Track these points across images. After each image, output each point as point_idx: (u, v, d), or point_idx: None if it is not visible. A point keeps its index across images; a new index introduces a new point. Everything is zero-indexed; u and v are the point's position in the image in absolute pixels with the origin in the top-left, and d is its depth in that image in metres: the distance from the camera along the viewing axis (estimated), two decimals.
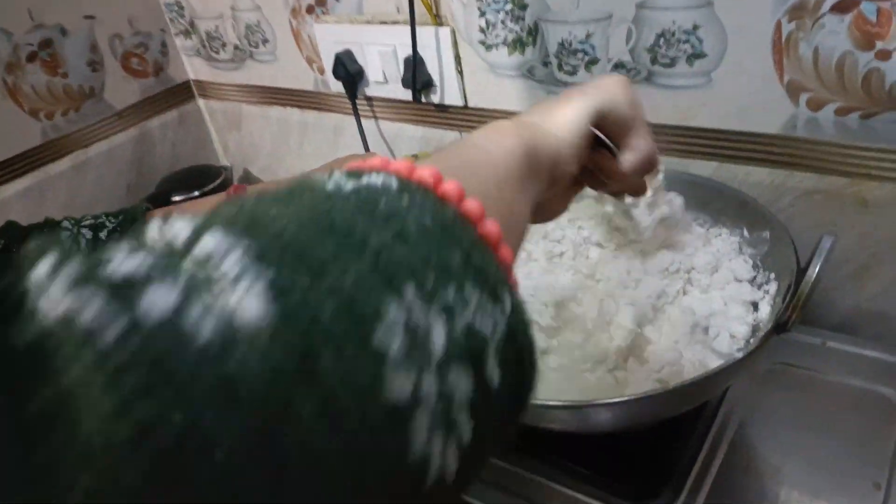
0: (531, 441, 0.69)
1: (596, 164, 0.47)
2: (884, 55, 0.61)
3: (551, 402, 0.57)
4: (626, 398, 0.54)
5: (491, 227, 0.27)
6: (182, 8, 1.20)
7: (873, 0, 0.59)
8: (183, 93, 1.30)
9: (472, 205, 0.27)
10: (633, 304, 0.67)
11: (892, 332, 0.76)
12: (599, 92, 0.44)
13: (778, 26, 0.65)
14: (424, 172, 0.27)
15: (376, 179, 0.25)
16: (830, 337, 0.76)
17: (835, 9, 0.61)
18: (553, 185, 0.40)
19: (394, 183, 0.25)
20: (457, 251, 0.24)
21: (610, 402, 0.54)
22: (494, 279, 0.25)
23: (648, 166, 0.46)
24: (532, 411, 0.59)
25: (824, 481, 0.62)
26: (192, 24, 1.21)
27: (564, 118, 0.41)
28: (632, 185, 0.51)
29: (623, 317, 0.67)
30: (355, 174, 0.26)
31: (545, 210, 0.48)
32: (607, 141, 0.46)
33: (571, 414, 0.58)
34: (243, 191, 0.70)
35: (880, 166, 0.67)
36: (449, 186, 0.27)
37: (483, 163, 0.35)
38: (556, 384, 0.65)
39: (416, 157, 0.74)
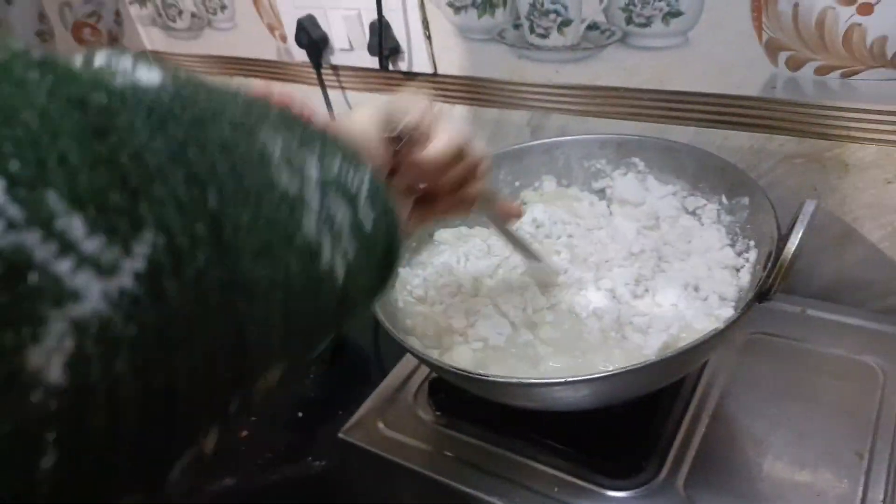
0: (512, 420, 0.67)
1: (410, 157, 0.46)
2: (865, 9, 0.58)
3: (525, 380, 0.55)
4: (601, 374, 0.52)
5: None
6: None
7: None
8: None
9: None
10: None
11: (875, 299, 0.74)
12: (386, 104, 0.46)
13: None
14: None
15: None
16: (811, 305, 0.75)
17: None
18: None
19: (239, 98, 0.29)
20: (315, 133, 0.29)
21: (584, 378, 0.51)
22: (353, 155, 0.30)
23: (458, 145, 0.47)
24: (508, 389, 0.57)
25: (807, 451, 0.61)
26: None
27: (354, 127, 0.43)
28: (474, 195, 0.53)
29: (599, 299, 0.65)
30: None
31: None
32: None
33: (547, 391, 0.56)
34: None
35: (861, 127, 0.65)
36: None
37: None
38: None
39: None
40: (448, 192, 0.50)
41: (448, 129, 0.47)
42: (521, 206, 0.58)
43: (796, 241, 0.51)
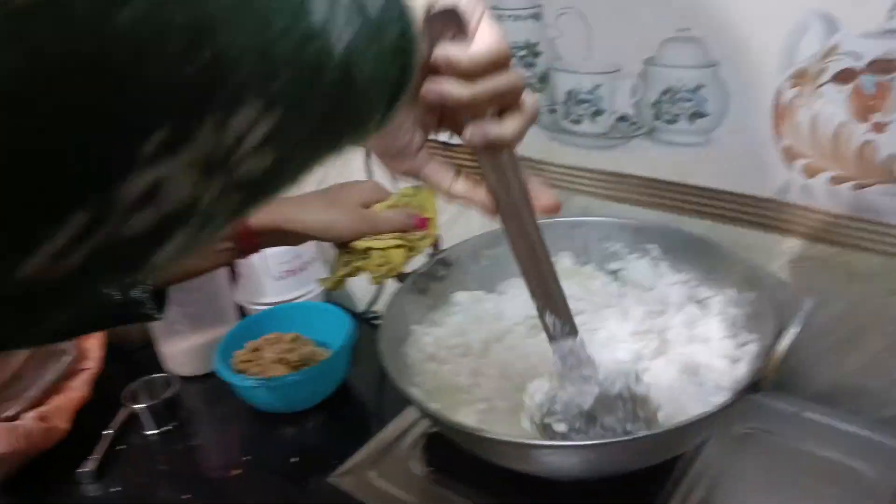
0: (502, 486, 0.67)
1: (441, 58, 0.39)
2: (879, 128, 0.63)
3: (507, 439, 0.56)
4: (587, 442, 0.54)
5: None
6: None
7: (872, 73, 0.61)
8: None
9: None
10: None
11: (871, 407, 0.75)
12: None
13: (779, 91, 0.67)
14: None
15: None
16: (808, 407, 0.76)
17: (835, 78, 0.63)
18: None
19: None
20: None
21: (567, 445, 0.53)
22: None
23: (500, 61, 0.40)
24: (497, 448, 0.58)
25: None
26: None
27: None
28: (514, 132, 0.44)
29: None
30: None
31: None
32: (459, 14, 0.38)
33: (528, 453, 0.57)
34: None
35: (869, 238, 0.68)
36: None
37: None
38: None
39: (417, 188, 0.74)
40: (478, 113, 0.42)
41: (494, 28, 0.39)
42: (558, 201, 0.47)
43: (791, 337, 0.53)
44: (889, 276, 0.68)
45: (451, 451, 0.65)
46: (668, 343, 0.72)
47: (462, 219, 1.03)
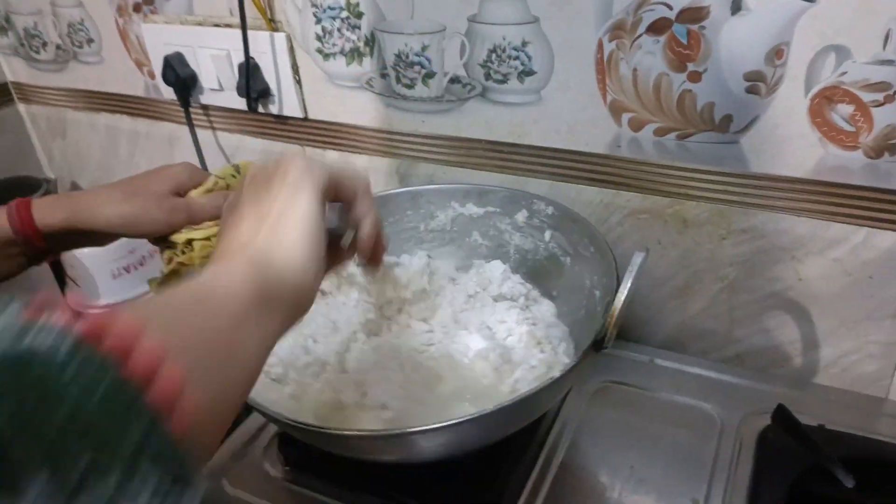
0: (364, 475, 0.65)
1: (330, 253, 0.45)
2: (695, 77, 0.63)
3: (350, 433, 0.54)
4: (437, 425, 0.51)
5: (186, 402, 0.26)
6: None
7: (683, 22, 0.61)
8: (0, 96, 1.17)
9: (167, 377, 0.26)
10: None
11: (716, 349, 0.78)
12: (313, 179, 0.42)
13: (600, 45, 0.66)
14: (120, 330, 0.26)
15: (44, 339, 0.24)
16: (659, 355, 0.78)
17: (650, 29, 0.62)
18: (302, 311, 0.40)
19: (63, 348, 0.24)
20: (128, 435, 0.23)
21: (420, 429, 0.51)
22: (176, 463, 0.25)
23: (378, 228, 0.48)
24: (345, 442, 0.56)
25: (648, 498, 0.62)
26: (7, 19, 1.10)
27: (294, 244, 0.40)
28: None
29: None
30: (28, 327, 0.24)
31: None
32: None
33: (374, 444, 0.55)
34: (27, 206, 0.62)
35: (696, 186, 0.69)
36: (144, 354, 0.26)
37: (204, 310, 0.34)
38: None
39: (237, 167, 0.69)
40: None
41: (368, 206, 0.47)
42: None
43: (625, 292, 0.52)
44: (719, 221, 0.70)
45: (307, 447, 0.62)
46: (515, 307, 0.71)
47: None
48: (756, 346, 0.75)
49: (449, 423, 0.52)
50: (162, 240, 0.64)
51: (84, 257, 0.93)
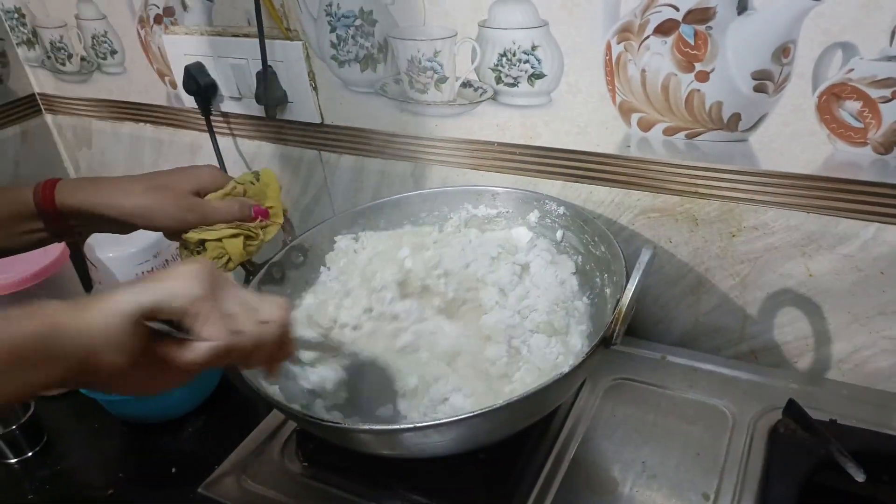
0: (380, 471, 0.67)
1: (166, 355, 0.45)
2: (703, 77, 0.64)
3: (366, 427, 0.56)
4: (448, 419, 0.53)
5: None
6: (23, 16, 1.12)
7: (690, 23, 0.62)
8: (28, 107, 1.21)
9: None
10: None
11: (728, 345, 0.78)
12: (151, 288, 0.44)
13: (608, 47, 0.67)
14: None
15: None
16: (670, 351, 0.78)
17: (658, 31, 0.63)
18: (91, 373, 0.42)
19: None
20: None
21: (432, 423, 0.52)
22: None
23: (223, 356, 0.46)
24: (360, 437, 0.57)
25: (659, 494, 0.63)
26: (34, 33, 1.13)
27: (102, 312, 0.42)
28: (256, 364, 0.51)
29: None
30: None
31: (140, 385, 0.47)
32: (171, 331, 0.45)
33: (390, 438, 0.56)
34: (52, 185, 0.65)
35: (706, 184, 0.69)
36: None
37: None
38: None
39: (256, 174, 0.71)
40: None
41: (213, 328, 0.45)
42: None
43: (632, 289, 0.53)
44: (728, 219, 0.70)
45: (325, 443, 0.63)
46: (531, 305, 0.72)
47: (318, 206, 1.00)
48: (769, 343, 0.76)
49: (460, 417, 0.53)
50: (176, 236, 0.67)
51: (108, 260, 0.95)
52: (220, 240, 0.65)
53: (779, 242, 0.69)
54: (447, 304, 0.71)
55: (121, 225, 0.65)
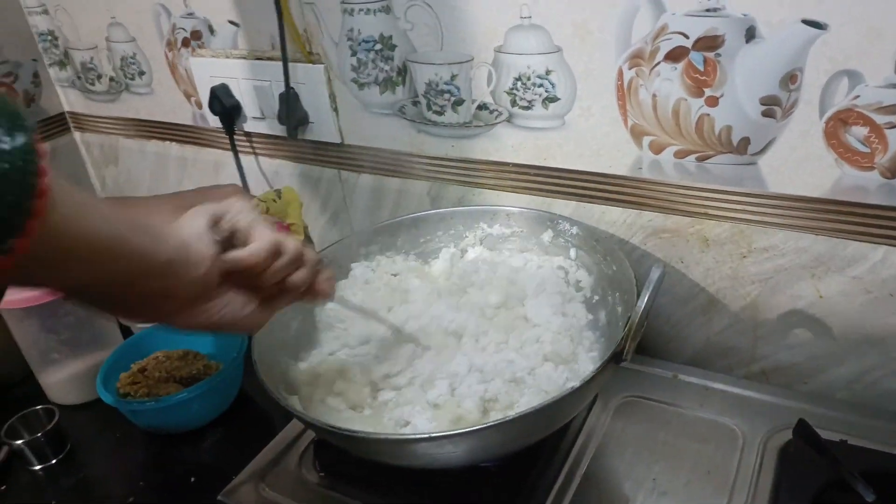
0: (396, 482, 0.68)
1: (237, 266, 0.51)
2: (712, 101, 0.65)
3: (383, 437, 0.57)
4: (461, 430, 0.54)
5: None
6: (56, 38, 1.16)
7: (699, 50, 0.64)
8: (57, 125, 1.25)
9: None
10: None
11: (740, 365, 0.79)
12: (214, 203, 0.52)
13: (620, 73, 0.69)
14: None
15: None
16: (682, 370, 0.79)
17: (668, 57, 0.65)
18: (173, 276, 0.46)
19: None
20: None
21: (445, 434, 0.54)
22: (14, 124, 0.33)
23: (275, 251, 0.52)
24: (377, 447, 0.59)
25: None
26: (66, 54, 1.17)
27: (186, 217, 0.49)
28: (300, 283, 0.56)
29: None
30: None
31: (242, 322, 0.53)
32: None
33: (405, 448, 0.57)
34: None
35: (717, 206, 0.71)
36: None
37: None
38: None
39: (278, 192, 0.73)
40: (275, 285, 0.54)
41: (263, 232, 0.52)
42: (332, 287, 0.60)
43: (642, 306, 0.55)
44: (738, 241, 0.72)
45: (342, 454, 0.65)
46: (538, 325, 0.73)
47: (337, 224, 1.03)
48: (780, 363, 0.77)
49: (474, 428, 0.55)
50: None
51: None
52: None
53: (788, 264, 0.70)
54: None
55: None
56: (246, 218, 0.52)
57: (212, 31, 0.97)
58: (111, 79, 1.14)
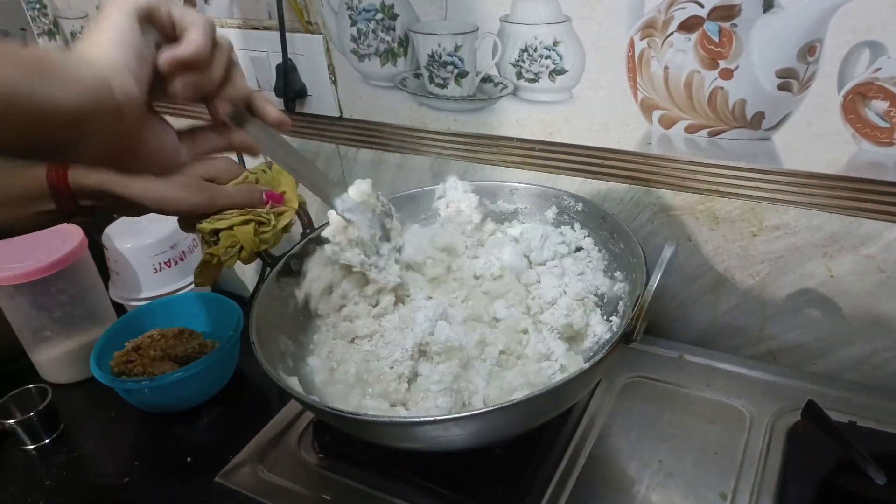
0: (396, 463, 0.67)
1: (179, 65, 0.45)
2: (726, 74, 0.63)
3: (385, 419, 0.55)
4: (466, 413, 0.53)
5: None
6: (45, 6, 1.13)
7: (715, 20, 0.61)
8: None
9: None
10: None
11: (747, 345, 0.78)
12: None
13: (631, 44, 0.66)
14: None
15: None
16: (689, 351, 0.78)
17: (682, 27, 0.63)
18: (104, 102, 0.40)
19: None
20: None
21: (450, 416, 0.52)
22: None
23: (213, 37, 0.47)
24: (378, 429, 0.57)
25: (674, 493, 0.63)
26: (55, 23, 1.14)
27: (105, 14, 0.42)
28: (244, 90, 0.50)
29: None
30: None
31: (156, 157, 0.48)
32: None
33: (419, 430, 0.56)
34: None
35: (728, 183, 0.69)
36: None
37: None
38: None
39: (269, 164, 0.71)
40: (215, 92, 0.49)
41: (193, 15, 0.46)
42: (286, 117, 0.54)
43: (654, 285, 0.53)
44: (749, 218, 0.70)
45: (339, 434, 0.64)
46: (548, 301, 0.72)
47: None
48: (788, 343, 0.75)
49: (479, 411, 0.53)
50: (190, 226, 0.67)
51: (127, 251, 0.96)
52: (231, 227, 0.65)
53: (800, 242, 0.69)
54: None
55: (132, 207, 0.65)
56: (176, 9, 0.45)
57: None
58: None
